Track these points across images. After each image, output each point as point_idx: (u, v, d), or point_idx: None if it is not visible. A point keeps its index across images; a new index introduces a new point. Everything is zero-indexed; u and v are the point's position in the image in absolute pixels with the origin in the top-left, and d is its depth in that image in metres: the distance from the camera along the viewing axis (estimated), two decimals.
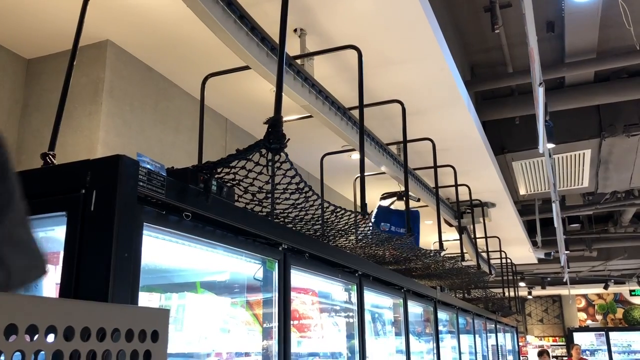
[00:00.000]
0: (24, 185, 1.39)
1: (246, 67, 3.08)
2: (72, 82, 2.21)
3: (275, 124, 1.65)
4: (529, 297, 19.31)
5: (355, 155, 5.05)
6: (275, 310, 2.08)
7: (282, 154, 1.68)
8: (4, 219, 0.78)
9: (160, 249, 1.69)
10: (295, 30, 3.46)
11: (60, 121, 2.04)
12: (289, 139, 1.65)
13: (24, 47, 3.65)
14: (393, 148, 5.11)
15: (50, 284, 1.38)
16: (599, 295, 19.69)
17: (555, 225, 6.58)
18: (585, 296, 19.89)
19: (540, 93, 3.47)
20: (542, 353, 11.50)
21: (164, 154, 3.89)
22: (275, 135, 1.64)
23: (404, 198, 5.32)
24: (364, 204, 2.56)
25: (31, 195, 1.37)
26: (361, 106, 2.80)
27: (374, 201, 5.88)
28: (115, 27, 3.43)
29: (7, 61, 3.64)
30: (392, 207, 5.39)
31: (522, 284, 17.01)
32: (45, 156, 1.88)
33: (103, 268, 1.23)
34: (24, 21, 3.37)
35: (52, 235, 1.45)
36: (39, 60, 3.74)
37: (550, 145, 4.94)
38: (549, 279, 16.90)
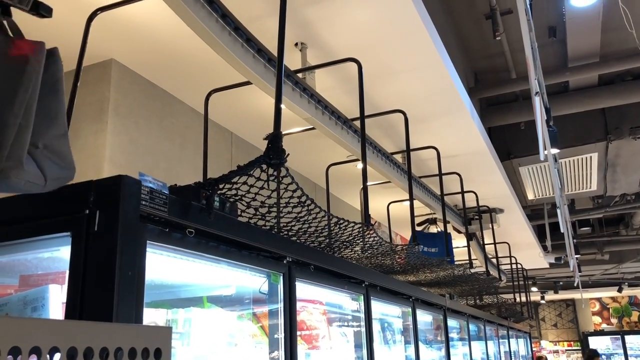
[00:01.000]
0: (31, 208, 1.43)
1: (248, 83, 3.12)
2: (78, 101, 2.25)
3: (274, 139, 1.67)
4: (542, 301, 19.17)
5: (361, 165, 5.07)
6: (281, 322, 2.10)
7: (282, 168, 1.71)
8: (51, 130, 0.93)
9: (166, 265, 1.71)
10: (296, 44, 3.50)
11: None
12: (288, 154, 1.67)
13: None
14: (398, 157, 5.13)
15: (57, 304, 1.40)
16: (613, 299, 19.51)
17: (562, 230, 6.56)
18: (599, 299, 19.72)
19: (537, 103, 3.48)
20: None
21: (170, 169, 3.93)
22: (275, 151, 1.66)
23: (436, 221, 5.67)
24: (367, 215, 2.58)
25: (37, 217, 1.41)
26: (362, 118, 2.83)
27: (381, 209, 5.89)
28: (119, 46, 3.49)
29: None
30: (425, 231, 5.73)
31: (534, 288, 16.89)
32: None
33: (107, 287, 1.25)
34: None
35: (58, 255, 1.48)
36: None
37: (555, 151, 4.94)
38: (561, 283, 16.79)
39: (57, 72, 0.95)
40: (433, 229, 6.36)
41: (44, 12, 1.05)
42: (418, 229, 6.14)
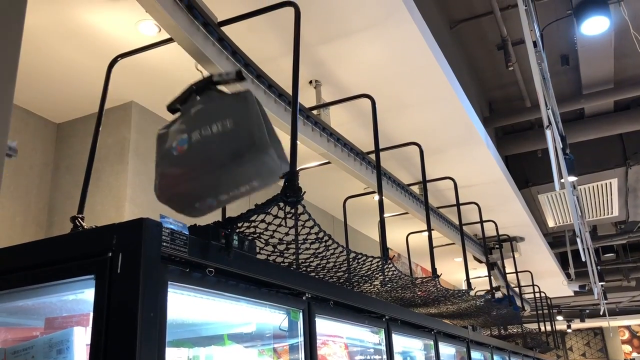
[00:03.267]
0: (55, 251, 1.47)
1: None
2: (100, 143, 2.31)
3: (291, 178, 1.71)
4: (569, 330, 18.73)
5: (378, 197, 5.09)
6: (301, 357, 2.10)
7: (299, 205, 1.74)
8: (277, 144, 1.63)
9: (187, 304, 1.73)
10: (310, 82, 3.56)
11: (88, 184, 2.14)
12: (304, 192, 1.70)
13: (54, 112, 3.83)
14: (415, 188, 5.14)
15: (81, 345, 1.43)
16: None
17: (584, 259, 6.47)
18: (628, 327, 19.20)
19: (549, 136, 3.50)
20: None
21: None
22: (291, 189, 1.69)
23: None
24: (385, 248, 2.58)
25: (62, 260, 1.45)
26: (377, 151, 2.86)
27: (401, 240, 5.87)
28: (139, 89, 3.58)
29: (38, 127, 3.80)
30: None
31: (559, 317, 16.55)
32: (75, 219, 1.96)
33: (130, 328, 1.28)
34: (53, 88, 3.54)
35: (82, 297, 1.51)
36: (68, 124, 3.90)
37: (572, 179, 4.91)
38: (587, 311, 16.42)
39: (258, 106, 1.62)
40: (499, 295, 6.38)
41: (240, 79, 1.73)
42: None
